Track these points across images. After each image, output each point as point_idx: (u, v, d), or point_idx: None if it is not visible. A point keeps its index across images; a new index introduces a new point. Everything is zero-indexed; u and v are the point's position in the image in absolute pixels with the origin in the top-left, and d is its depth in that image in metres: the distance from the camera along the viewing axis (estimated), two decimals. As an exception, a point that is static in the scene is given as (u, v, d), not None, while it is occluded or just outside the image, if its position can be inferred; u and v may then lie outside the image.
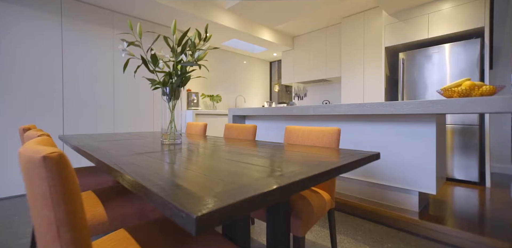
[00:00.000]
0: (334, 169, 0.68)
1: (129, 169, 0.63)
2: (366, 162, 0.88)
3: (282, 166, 0.68)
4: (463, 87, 1.48)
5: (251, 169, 0.64)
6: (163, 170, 0.63)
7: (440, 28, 2.61)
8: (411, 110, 1.47)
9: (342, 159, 0.80)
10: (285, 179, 0.54)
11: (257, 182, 0.52)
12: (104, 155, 0.87)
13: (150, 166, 0.67)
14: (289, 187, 0.52)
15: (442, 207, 1.78)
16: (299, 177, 0.56)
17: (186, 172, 0.61)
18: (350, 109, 1.75)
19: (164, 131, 1.34)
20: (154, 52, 1.24)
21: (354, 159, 0.80)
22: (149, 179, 0.53)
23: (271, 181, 0.52)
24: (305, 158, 0.83)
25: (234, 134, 1.85)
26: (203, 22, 3.39)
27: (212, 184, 0.50)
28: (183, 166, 0.68)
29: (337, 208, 1.92)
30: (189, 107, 3.86)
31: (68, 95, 2.67)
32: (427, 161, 1.56)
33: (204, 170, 0.63)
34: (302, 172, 0.61)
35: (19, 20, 2.39)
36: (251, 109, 2.53)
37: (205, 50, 1.32)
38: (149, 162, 0.74)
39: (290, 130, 1.47)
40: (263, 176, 0.57)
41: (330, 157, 0.85)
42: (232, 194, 0.44)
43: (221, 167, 0.67)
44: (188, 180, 0.53)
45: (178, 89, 1.36)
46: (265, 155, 0.88)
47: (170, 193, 0.44)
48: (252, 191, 0.45)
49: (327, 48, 4.16)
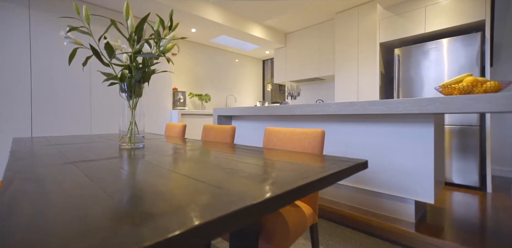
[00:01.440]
0: (309, 185, 0.51)
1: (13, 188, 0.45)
2: (350, 174, 0.71)
3: (246, 183, 0.50)
4: (465, 84, 1.31)
5: (199, 190, 0.46)
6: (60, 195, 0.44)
7: (437, 22, 2.45)
8: (406, 109, 1.30)
9: (323, 171, 0.62)
10: (241, 201, 0.37)
11: (204, 208, 0.34)
12: (26, 164, 0.68)
13: (58, 183, 0.49)
14: (244, 213, 0.35)
15: (441, 217, 1.62)
16: (261, 198, 0.39)
17: (96, 200, 0.42)
18: (339, 109, 1.58)
19: (124, 134, 1.16)
20: (108, 41, 1.06)
21: (336, 170, 0.62)
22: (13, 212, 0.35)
23: (221, 205, 0.35)
24: (280, 169, 0.65)
25: (211, 136, 1.67)
26: (187, 17, 3.20)
27: (125, 217, 0.32)
28: (109, 188, 0.50)
29: (325, 217, 1.75)
30: (175, 107, 3.67)
31: (37, 93, 2.47)
32: (424, 166, 1.40)
33: (132, 190, 0.45)
34: (270, 191, 0.44)
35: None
36: (237, 109, 2.35)
37: (168, 39, 1.14)
38: (62, 177, 0.55)
39: (269, 132, 1.29)
40: (209, 200, 0.39)
41: (309, 167, 0.67)
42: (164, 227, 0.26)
43: (157, 189, 0.49)
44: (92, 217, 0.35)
45: (139, 85, 1.18)
46: (232, 167, 0.70)
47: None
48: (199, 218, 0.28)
49: (320, 46, 3.99)
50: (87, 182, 0.52)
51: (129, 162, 0.76)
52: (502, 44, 2.69)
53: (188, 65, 4.20)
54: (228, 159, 0.82)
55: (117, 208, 0.37)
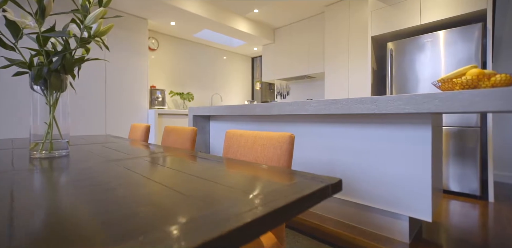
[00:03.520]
0: (251, 227, 0.26)
1: None
2: (315, 203, 0.47)
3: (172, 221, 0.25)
4: (469, 77, 1.08)
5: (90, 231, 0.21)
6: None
7: (434, 13, 2.23)
8: (399, 108, 1.07)
9: (280, 199, 0.37)
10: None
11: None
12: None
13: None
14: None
15: (438, 235, 1.39)
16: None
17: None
18: (321, 108, 1.34)
19: (35, 139, 0.90)
20: (6, 15, 0.79)
21: (290, 200, 0.38)
22: None
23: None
24: (225, 196, 0.40)
25: (171, 141, 1.41)
26: (163, 8, 2.93)
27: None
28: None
29: (306, 233, 1.50)
30: (152, 106, 3.40)
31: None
32: (421, 176, 1.16)
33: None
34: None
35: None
36: (212, 108, 2.10)
37: (94, 16, 0.88)
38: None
39: (230, 136, 1.04)
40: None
41: (266, 192, 0.42)
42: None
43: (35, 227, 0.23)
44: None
45: (58, 76, 0.92)
46: (162, 193, 0.44)
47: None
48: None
49: (310, 42, 3.76)
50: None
51: (22, 184, 0.50)
52: (502, 38, 2.48)
53: (168, 62, 3.92)
54: (175, 178, 0.56)
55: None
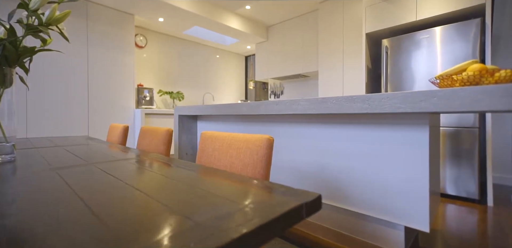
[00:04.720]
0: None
1: None
2: (281, 232, 0.36)
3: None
4: (470, 73, 0.98)
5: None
6: None
7: (430, 8, 2.13)
8: (393, 107, 0.96)
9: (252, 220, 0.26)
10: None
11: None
12: None
13: None
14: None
15: (436, 244, 1.29)
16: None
17: None
18: (310, 107, 1.23)
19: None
20: None
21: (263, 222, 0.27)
22: None
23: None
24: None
25: (146, 143, 1.29)
26: (150, 3, 2.80)
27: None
28: None
29: (295, 242, 1.39)
30: (139, 106, 3.26)
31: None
32: (417, 182, 1.06)
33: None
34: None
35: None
36: (198, 108, 1.98)
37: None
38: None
39: (205, 138, 0.92)
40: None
41: (210, 219, 0.30)
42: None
43: None
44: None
45: (1, 69, 0.80)
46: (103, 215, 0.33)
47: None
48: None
49: (303, 40, 3.65)
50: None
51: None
52: (501, 36, 2.40)
53: (157, 59, 3.78)
54: (129, 194, 0.44)
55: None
